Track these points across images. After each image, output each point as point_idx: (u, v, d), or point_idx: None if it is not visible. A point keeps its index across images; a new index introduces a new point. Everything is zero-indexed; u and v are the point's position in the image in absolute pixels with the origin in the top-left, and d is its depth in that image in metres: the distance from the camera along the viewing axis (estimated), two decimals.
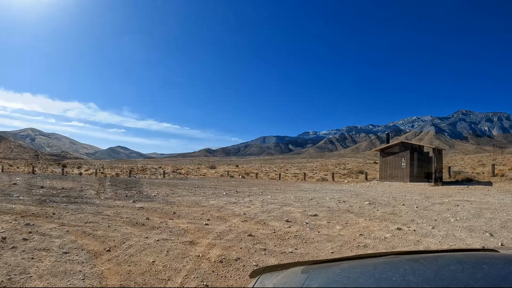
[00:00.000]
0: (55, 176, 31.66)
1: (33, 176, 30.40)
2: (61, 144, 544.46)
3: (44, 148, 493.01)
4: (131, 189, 20.29)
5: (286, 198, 16.29)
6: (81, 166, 74.28)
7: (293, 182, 31.31)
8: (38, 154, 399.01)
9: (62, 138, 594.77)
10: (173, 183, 26.70)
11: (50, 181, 24.23)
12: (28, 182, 22.01)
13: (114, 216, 10.14)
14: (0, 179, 23.68)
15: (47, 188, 18.74)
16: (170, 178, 36.72)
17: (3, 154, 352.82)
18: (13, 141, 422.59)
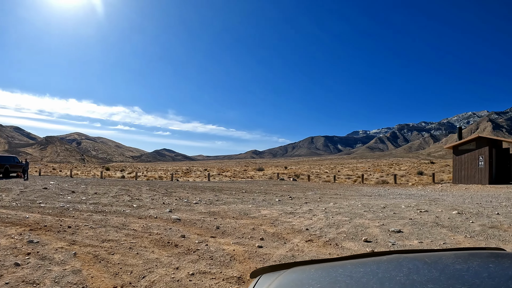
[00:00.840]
0: (93, 180, 32.33)
1: (70, 179, 31.25)
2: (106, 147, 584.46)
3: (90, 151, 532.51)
4: (171, 194, 19.35)
5: (352, 206, 14.49)
6: (124, 169, 77.49)
7: (350, 185, 30.44)
8: (84, 157, 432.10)
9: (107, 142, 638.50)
10: (218, 187, 25.62)
11: (85, 185, 24.34)
12: (60, 187, 22.14)
13: (141, 232, 8.78)
14: (33, 184, 24.25)
15: (78, 193, 18.42)
16: (216, 181, 35.94)
17: (50, 158, 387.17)
18: (59, 145, 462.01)
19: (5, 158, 31.70)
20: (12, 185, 21.72)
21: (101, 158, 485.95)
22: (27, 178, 30.76)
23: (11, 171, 31.56)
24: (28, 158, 36.60)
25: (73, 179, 32.92)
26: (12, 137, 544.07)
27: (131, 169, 77.47)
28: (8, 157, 32.72)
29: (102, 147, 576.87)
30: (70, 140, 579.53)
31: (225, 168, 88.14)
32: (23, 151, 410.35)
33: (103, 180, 32.99)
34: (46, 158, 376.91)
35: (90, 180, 30.93)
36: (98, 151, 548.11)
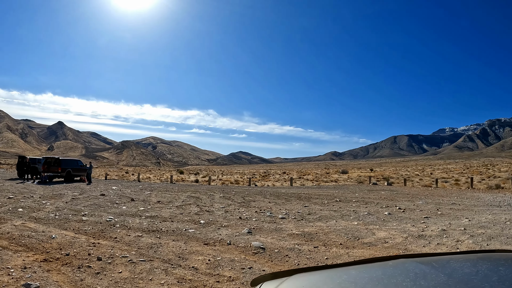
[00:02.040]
0: (162, 184, 31.60)
1: (136, 184, 30.83)
2: (182, 151, 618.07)
3: (166, 155, 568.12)
4: (249, 204, 16.96)
5: (495, 222, 11.92)
6: (199, 172, 78.65)
7: (459, 191, 28.37)
8: (159, 161, 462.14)
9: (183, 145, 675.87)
10: (305, 194, 22.91)
11: (150, 191, 23.20)
12: (121, 193, 21.15)
13: (205, 275, 6.21)
14: (93, 189, 23.78)
15: (137, 201, 16.92)
16: (299, 186, 33.12)
17: (126, 162, 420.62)
18: (135, 149, 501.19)
19: (68, 161, 32.49)
20: (68, 191, 21.28)
21: (177, 161, 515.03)
22: (90, 182, 31.06)
23: (74, 175, 32.20)
24: (105, 162, 37.14)
25: (140, 183, 32.61)
26: (89, 142, 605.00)
27: (205, 173, 78.33)
28: (71, 160, 33.58)
29: (178, 151, 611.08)
30: (145, 144, 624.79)
31: (305, 171, 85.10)
32: (100, 155, 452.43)
33: (173, 185, 32.14)
34: (122, 162, 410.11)
35: (158, 185, 30.16)
36: (174, 155, 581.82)
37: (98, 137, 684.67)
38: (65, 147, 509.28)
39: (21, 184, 25.44)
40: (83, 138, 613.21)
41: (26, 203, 14.52)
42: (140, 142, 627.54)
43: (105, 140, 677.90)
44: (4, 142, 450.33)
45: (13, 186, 22.78)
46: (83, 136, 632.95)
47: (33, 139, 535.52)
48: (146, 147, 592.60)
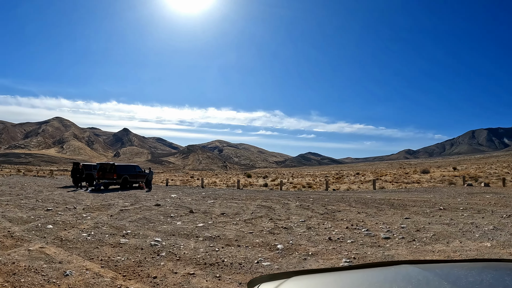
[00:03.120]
0: (228, 191, 29.51)
1: (199, 191, 29.01)
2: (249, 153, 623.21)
3: (232, 158, 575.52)
4: (334, 216, 14.28)
5: None
6: (267, 175, 76.63)
7: None
8: (226, 164, 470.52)
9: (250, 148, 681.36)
10: (396, 200, 19.96)
11: (213, 200, 21.07)
12: (180, 202, 19.20)
13: None
14: (149, 197, 22.17)
15: (197, 214, 14.73)
16: (384, 190, 29.36)
17: (192, 166, 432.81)
18: (201, 153, 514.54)
19: (124, 167, 31.63)
20: (120, 200, 19.74)
21: (244, 164, 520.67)
22: (150, 189, 29.87)
23: (132, 182, 31.21)
24: (171, 166, 36.16)
25: (203, 190, 30.81)
26: (155, 147, 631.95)
27: (274, 175, 76.29)
28: (128, 166, 32.74)
29: (245, 153, 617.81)
30: (211, 148, 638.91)
31: (380, 171, 79.72)
32: (166, 160, 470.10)
33: (240, 191, 29.93)
34: (188, 166, 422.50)
35: (223, 192, 28.08)
36: (241, 158, 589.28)
37: (163, 142, 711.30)
38: (130, 153, 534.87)
39: (72, 192, 24.57)
40: (148, 144, 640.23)
41: (63, 217, 12.81)
42: (206, 146, 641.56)
43: (171, 145, 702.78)
44: (71, 150, 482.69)
45: (62, 195, 21.78)
46: (149, 142, 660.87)
47: (99, 146, 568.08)
48: (212, 150, 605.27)
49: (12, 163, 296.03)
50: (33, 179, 41.47)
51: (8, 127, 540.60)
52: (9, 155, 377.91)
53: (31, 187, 27.88)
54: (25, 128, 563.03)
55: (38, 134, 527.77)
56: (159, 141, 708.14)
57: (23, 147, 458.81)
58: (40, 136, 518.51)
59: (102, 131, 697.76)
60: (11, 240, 9.12)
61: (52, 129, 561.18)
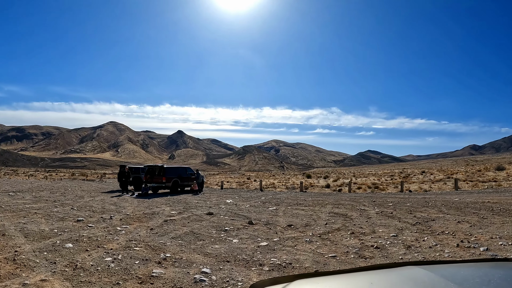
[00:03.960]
0: (289, 194, 26.96)
1: (258, 195, 26.65)
2: (306, 153, 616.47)
3: (289, 158, 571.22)
4: (430, 227, 11.93)
5: None
6: (328, 175, 73.37)
7: None
8: (283, 164, 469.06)
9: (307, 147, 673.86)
10: (494, 203, 17.05)
11: (275, 206, 18.66)
12: (236, 210, 16.99)
13: None
14: (202, 203, 20.11)
15: (258, 225, 12.42)
16: (468, 191, 25.50)
17: (248, 167, 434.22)
18: (257, 153, 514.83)
19: (174, 169, 29.96)
20: (167, 207, 17.81)
21: (301, 164, 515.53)
22: (200, 192, 28.30)
23: (183, 185, 29.49)
24: (226, 168, 34.35)
25: (262, 193, 28.46)
26: (210, 149, 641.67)
27: (335, 176, 72.99)
28: (179, 168, 31.05)
29: (302, 153, 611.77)
30: (267, 148, 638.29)
31: (447, 169, 73.77)
32: (221, 161, 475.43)
33: (304, 194, 27.29)
34: (244, 168, 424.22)
35: (284, 196, 25.59)
36: (298, 157, 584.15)
37: (218, 143, 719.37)
38: (185, 155, 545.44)
39: (116, 198, 23.01)
40: (203, 146, 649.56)
41: (92, 231, 10.82)
42: (262, 146, 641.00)
43: (226, 146, 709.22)
44: (126, 153, 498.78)
45: (103, 202, 20.15)
46: (204, 144, 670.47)
47: (154, 149, 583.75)
48: (269, 151, 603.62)
49: (67, 167, 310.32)
50: (81, 183, 40.99)
51: (64, 133, 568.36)
52: (65, 160, 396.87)
53: (74, 192, 26.77)
54: (80, 133, 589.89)
55: (93, 138, 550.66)
56: (214, 143, 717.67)
57: (79, 152, 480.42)
58: (95, 140, 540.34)
59: (157, 134, 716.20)
60: (11, 265, 7.12)
61: (107, 133, 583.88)
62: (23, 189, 27.18)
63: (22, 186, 30.90)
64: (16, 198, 20.74)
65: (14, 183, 34.25)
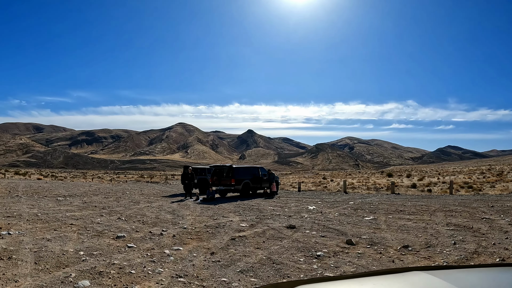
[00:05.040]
0: (380, 197, 23.20)
1: (342, 198, 23.14)
2: (382, 150, 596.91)
3: (364, 156, 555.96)
4: None
5: None
6: (410, 174, 68.04)
7: None
8: (358, 162, 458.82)
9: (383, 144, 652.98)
10: None
11: (372, 214, 15.25)
12: (322, 220, 13.89)
13: None
14: (279, 211, 17.13)
15: (361, 246, 9.39)
16: None
17: (322, 166, 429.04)
18: (330, 151, 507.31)
19: (246, 170, 27.22)
20: (236, 217, 15.06)
21: (377, 162, 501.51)
22: (273, 195, 25.71)
23: (255, 188, 26.62)
24: (299, 167, 30.84)
25: (348, 196, 24.93)
26: (281, 148, 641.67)
27: (418, 174, 67.78)
28: (250, 168, 28.26)
29: (377, 150, 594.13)
30: (341, 145, 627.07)
31: None
32: (293, 160, 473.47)
33: (398, 196, 23.46)
34: (317, 166, 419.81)
35: (376, 199, 21.99)
36: (373, 155, 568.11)
37: (290, 142, 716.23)
38: (256, 154, 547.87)
39: (176, 204, 20.51)
40: (274, 145, 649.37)
41: (129, 256, 8.12)
42: (336, 144, 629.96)
43: (298, 144, 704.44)
44: (196, 154, 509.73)
45: (159, 209, 17.59)
46: (275, 143, 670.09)
47: (224, 149, 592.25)
48: (342, 148, 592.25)
49: (137, 169, 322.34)
50: (143, 186, 39.50)
51: (133, 136, 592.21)
52: (135, 162, 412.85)
53: (131, 196, 24.71)
54: (149, 136, 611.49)
55: (162, 140, 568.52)
56: (285, 141, 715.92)
57: (148, 154, 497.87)
58: (164, 142, 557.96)
59: (226, 134, 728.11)
60: None
61: (176, 135, 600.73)
62: (76, 193, 25.56)
63: (78, 189, 29.51)
64: (63, 204, 18.83)
65: (72, 186, 33.17)
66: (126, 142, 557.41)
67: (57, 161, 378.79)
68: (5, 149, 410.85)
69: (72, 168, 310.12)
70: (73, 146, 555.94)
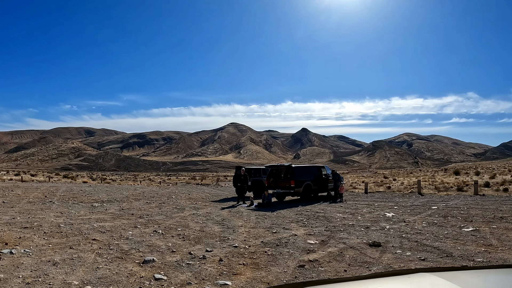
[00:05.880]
0: (467, 200, 19.82)
1: (422, 202, 19.94)
2: (442, 146, 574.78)
3: (423, 152, 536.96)
4: None
5: None
6: (478, 171, 62.89)
7: None
8: (417, 160, 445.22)
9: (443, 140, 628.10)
10: None
11: (469, 223, 12.26)
12: (412, 235, 11.20)
13: None
14: (350, 219, 14.40)
15: None
16: None
17: (379, 164, 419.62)
18: (388, 149, 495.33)
19: (307, 170, 24.53)
20: (299, 227, 12.61)
21: (437, 159, 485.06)
22: (339, 199, 22.63)
23: (318, 190, 23.81)
24: (355, 166, 26.44)
25: (425, 199, 21.68)
26: (337, 146, 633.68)
27: (483, 171, 62.95)
28: (312, 168, 25.59)
29: (437, 146, 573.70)
30: (399, 142, 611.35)
31: None
32: (350, 159, 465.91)
33: (484, 199, 19.98)
34: (374, 165, 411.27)
35: (462, 203, 18.68)
36: (433, 151, 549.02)
37: (345, 140, 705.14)
38: (311, 153, 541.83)
39: (226, 210, 18.10)
40: (329, 143, 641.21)
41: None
42: (393, 141, 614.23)
43: (354, 142, 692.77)
44: (249, 154, 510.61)
45: (207, 217, 15.23)
46: (330, 141, 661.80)
47: (278, 149, 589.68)
48: (400, 145, 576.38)
49: (189, 170, 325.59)
50: (192, 189, 37.47)
51: (184, 137, 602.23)
52: (187, 163, 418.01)
53: (176, 201, 22.55)
54: (201, 137, 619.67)
55: (214, 141, 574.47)
56: (341, 139, 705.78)
57: (200, 155, 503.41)
58: (216, 142, 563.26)
59: (280, 133, 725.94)
60: None
61: (228, 135, 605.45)
62: (116, 198, 23.69)
63: (121, 193, 27.77)
64: (96, 211, 16.85)
65: (116, 190, 31.57)
66: (178, 144, 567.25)
67: (109, 164, 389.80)
68: (57, 153, 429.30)
69: (124, 170, 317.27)
70: (125, 148, 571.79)
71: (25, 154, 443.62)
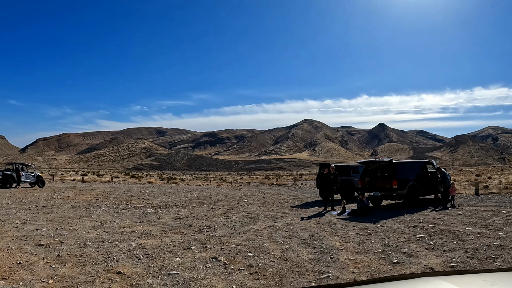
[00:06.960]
0: None
1: None
2: None
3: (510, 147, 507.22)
4: None
5: None
6: None
7: None
8: (504, 156, 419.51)
9: None
10: None
11: None
12: None
13: None
14: (483, 236, 10.27)
15: None
16: None
17: (462, 160, 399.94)
18: (471, 144, 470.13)
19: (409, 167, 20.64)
20: (429, 253, 8.73)
21: None
22: (451, 204, 18.16)
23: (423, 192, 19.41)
24: (437, 162, 21.06)
25: None
26: (416, 142, 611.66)
27: None
28: (414, 164, 21.49)
29: None
30: (483, 137, 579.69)
31: None
32: (430, 155, 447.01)
33: None
34: (457, 161, 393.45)
35: None
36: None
37: (425, 135, 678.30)
38: (389, 150, 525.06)
39: (314, 220, 14.33)
40: (408, 138, 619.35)
41: None
42: (477, 135, 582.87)
43: (434, 137, 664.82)
44: (324, 151, 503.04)
45: (289, 232, 11.52)
46: (409, 136, 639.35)
47: (354, 146, 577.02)
48: (485, 140, 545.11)
49: (262, 169, 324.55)
50: (267, 190, 33.88)
51: (257, 135, 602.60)
52: (260, 162, 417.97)
53: (247, 206, 18.94)
54: (274, 134, 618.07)
55: (287, 138, 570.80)
56: (420, 134, 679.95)
57: (273, 153, 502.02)
58: (290, 140, 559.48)
59: (356, 129, 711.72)
60: None
61: (302, 132, 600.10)
62: (177, 202, 20.64)
63: (185, 196, 24.81)
64: (145, 220, 13.83)
65: (180, 192, 28.72)
66: (250, 142, 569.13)
67: (180, 164, 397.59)
68: (129, 153, 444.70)
69: (196, 170, 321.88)
70: (196, 148, 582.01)
71: (97, 155, 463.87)
